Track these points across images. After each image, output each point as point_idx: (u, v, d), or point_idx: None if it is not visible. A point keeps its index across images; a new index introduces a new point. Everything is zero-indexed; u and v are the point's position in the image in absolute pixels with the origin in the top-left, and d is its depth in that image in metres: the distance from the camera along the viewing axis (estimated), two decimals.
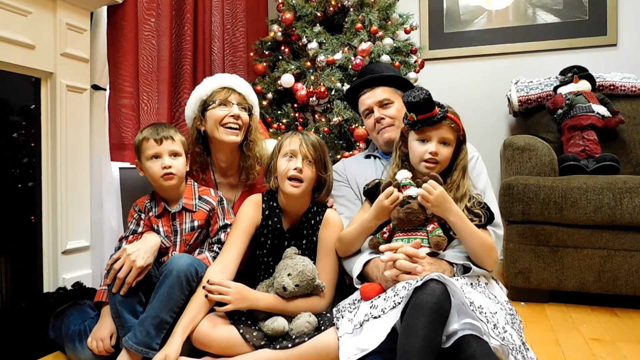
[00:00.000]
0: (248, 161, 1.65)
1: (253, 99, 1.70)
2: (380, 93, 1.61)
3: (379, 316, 1.09)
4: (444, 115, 1.26)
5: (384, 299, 1.12)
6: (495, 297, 1.17)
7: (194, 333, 1.27)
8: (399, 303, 1.06)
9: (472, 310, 1.03)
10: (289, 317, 1.32)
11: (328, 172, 1.49)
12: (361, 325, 1.12)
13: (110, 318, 1.33)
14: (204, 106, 1.60)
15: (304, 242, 1.49)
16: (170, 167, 1.43)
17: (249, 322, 1.32)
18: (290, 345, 1.24)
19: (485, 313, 1.05)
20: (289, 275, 1.33)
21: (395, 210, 1.24)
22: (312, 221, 1.48)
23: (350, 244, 1.37)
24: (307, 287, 1.33)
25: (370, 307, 1.13)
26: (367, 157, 1.70)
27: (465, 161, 1.32)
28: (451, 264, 1.22)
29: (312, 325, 1.28)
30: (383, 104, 1.60)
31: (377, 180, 1.37)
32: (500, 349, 1.01)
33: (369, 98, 1.62)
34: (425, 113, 1.24)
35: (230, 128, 1.57)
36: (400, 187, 1.27)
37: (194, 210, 1.50)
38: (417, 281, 1.05)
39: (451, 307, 1.03)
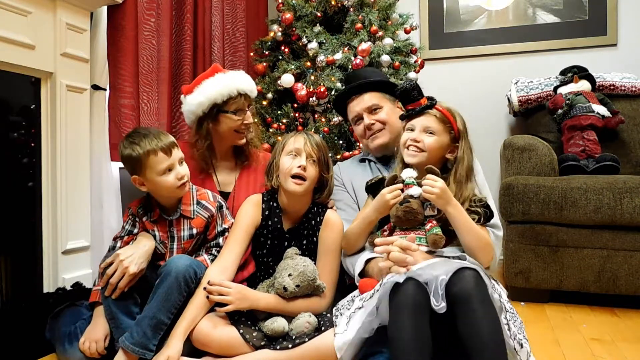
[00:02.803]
0: (243, 145, 1.70)
1: (255, 94, 1.72)
2: (369, 99, 1.60)
3: (362, 306, 1.14)
4: (430, 104, 1.30)
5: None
6: (494, 286, 1.18)
7: (193, 333, 1.26)
8: (377, 290, 1.10)
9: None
10: (289, 318, 1.32)
11: (330, 173, 1.49)
12: (348, 320, 1.17)
13: (104, 319, 1.31)
14: (218, 109, 1.59)
15: (304, 242, 1.49)
16: (184, 176, 1.37)
17: (249, 323, 1.32)
18: (290, 345, 1.24)
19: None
20: (289, 275, 1.32)
21: (395, 208, 1.25)
22: (313, 222, 1.48)
23: (355, 239, 1.38)
24: (307, 287, 1.33)
25: (360, 300, 1.18)
26: (362, 160, 1.70)
27: (467, 161, 1.30)
28: (447, 257, 1.23)
29: (312, 325, 1.28)
30: (372, 110, 1.59)
31: (380, 176, 1.37)
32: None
33: (358, 105, 1.61)
34: (411, 102, 1.31)
35: (241, 132, 1.64)
36: (403, 185, 1.27)
37: (192, 217, 1.44)
38: (389, 279, 1.08)
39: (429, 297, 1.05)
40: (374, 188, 1.35)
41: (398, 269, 1.13)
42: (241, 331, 1.27)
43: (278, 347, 1.24)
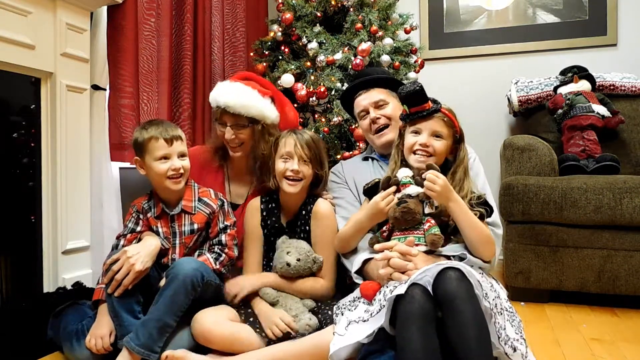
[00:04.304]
0: (257, 167, 1.64)
1: (255, 112, 1.60)
2: (376, 94, 1.62)
3: (367, 319, 1.12)
4: (437, 108, 1.29)
5: (377, 301, 1.14)
6: (492, 285, 1.18)
7: (197, 330, 1.29)
8: (384, 306, 1.08)
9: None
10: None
11: (324, 169, 1.55)
12: (349, 324, 1.17)
13: (109, 316, 1.33)
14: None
15: (300, 234, 1.54)
16: (180, 169, 1.42)
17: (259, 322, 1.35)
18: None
19: (481, 282, 1.06)
20: (288, 253, 1.39)
21: (392, 209, 1.24)
22: (304, 211, 1.55)
23: (346, 242, 1.39)
24: (306, 260, 1.40)
25: (365, 311, 1.16)
26: (365, 159, 1.71)
27: (466, 161, 1.33)
28: (448, 257, 1.23)
29: (312, 327, 1.30)
30: (378, 105, 1.61)
31: (377, 180, 1.36)
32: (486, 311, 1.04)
33: (365, 99, 1.64)
34: (417, 105, 1.28)
35: (231, 146, 1.64)
36: (399, 184, 1.27)
37: (193, 212, 1.48)
38: (397, 287, 1.07)
39: (435, 307, 1.04)
40: (371, 192, 1.35)
41: (400, 276, 1.13)
42: (257, 329, 1.31)
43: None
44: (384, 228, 1.30)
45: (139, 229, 1.49)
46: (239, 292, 1.39)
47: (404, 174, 1.28)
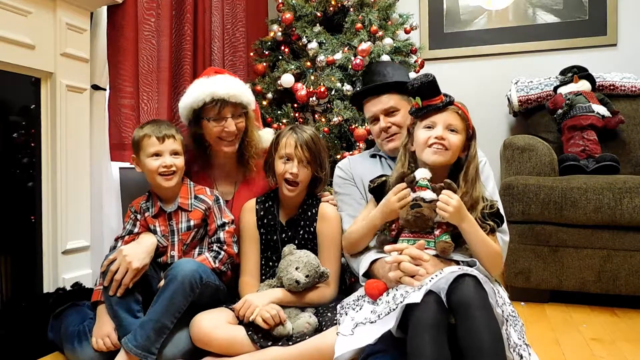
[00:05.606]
0: (245, 156, 1.68)
1: (247, 99, 1.62)
2: (386, 100, 1.56)
3: (375, 321, 1.11)
4: (451, 100, 1.24)
5: (384, 302, 1.12)
6: (499, 291, 1.17)
7: (195, 333, 1.28)
8: (394, 309, 1.06)
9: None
10: (292, 318, 1.33)
11: (324, 171, 1.53)
12: (356, 326, 1.14)
13: (108, 316, 1.33)
14: (198, 115, 1.58)
15: (301, 232, 1.53)
16: (171, 166, 1.44)
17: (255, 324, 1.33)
18: (291, 343, 1.26)
19: (494, 289, 1.06)
20: (297, 269, 1.36)
21: (405, 210, 1.20)
22: (309, 213, 1.54)
23: (357, 242, 1.36)
24: (315, 275, 1.38)
25: (371, 312, 1.14)
26: (373, 156, 1.67)
27: (477, 159, 1.28)
28: (457, 262, 1.21)
29: (312, 326, 1.30)
30: (389, 112, 1.56)
31: (384, 178, 1.32)
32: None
33: (375, 105, 1.57)
34: (430, 98, 1.23)
35: (228, 141, 1.60)
36: (415, 185, 1.22)
37: (190, 209, 1.50)
38: (409, 292, 1.05)
39: (448, 314, 1.03)
40: (377, 190, 1.31)
41: (410, 280, 1.11)
42: (249, 332, 1.28)
43: (280, 344, 1.26)
44: (393, 227, 1.26)
45: (136, 230, 1.50)
46: (252, 314, 1.30)
47: (422, 175, 1.22)
